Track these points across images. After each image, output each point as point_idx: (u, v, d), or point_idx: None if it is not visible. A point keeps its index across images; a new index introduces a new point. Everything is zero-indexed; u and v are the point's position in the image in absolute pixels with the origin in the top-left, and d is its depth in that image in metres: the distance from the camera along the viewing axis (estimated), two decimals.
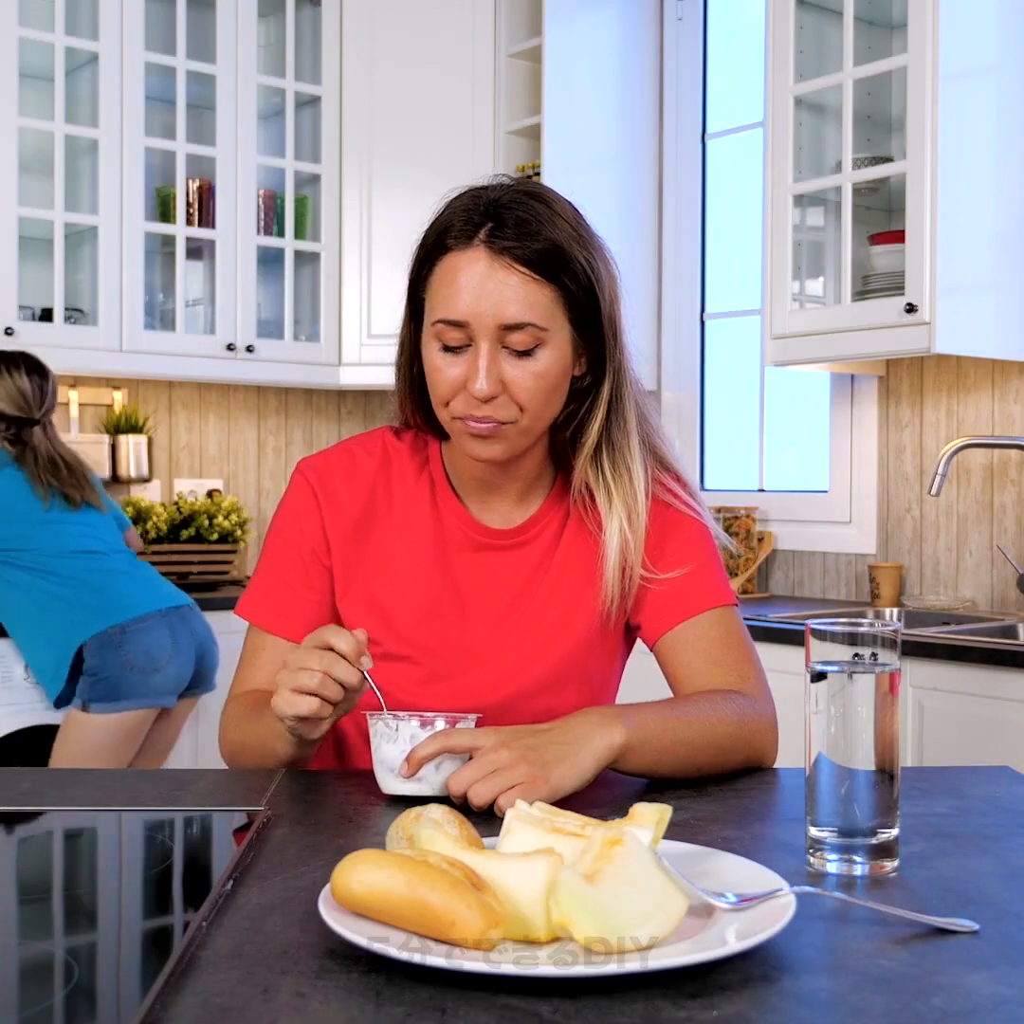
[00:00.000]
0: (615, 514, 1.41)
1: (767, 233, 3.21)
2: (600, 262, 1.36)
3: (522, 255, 1.30)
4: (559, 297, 1.32)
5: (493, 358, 1.31)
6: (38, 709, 3.14)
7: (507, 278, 1.29)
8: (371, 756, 1.25)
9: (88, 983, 0.81)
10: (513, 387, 1.32)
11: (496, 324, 1.29)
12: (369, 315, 3.95)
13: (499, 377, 1.31)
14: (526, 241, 1.30)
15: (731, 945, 0.79)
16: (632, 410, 1.42)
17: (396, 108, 3.91)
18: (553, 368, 1.33)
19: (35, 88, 3.53)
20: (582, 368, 1.40)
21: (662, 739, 1.27)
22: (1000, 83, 2.96)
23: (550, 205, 1.34)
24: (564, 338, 1.34)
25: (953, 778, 1.36)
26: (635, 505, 1.41)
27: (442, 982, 0.77)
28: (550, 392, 1.35)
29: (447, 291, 1.31)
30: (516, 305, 1.29)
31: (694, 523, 1.47)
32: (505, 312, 1.29)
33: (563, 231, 1.32)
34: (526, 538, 1.46)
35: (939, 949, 0.84)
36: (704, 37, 3.93)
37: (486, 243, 1.30)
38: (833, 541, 3.52)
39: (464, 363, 1.32)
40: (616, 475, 1.41)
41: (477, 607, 1.45)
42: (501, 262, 1.29)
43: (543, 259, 1.30)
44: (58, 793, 1.29)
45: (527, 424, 1.35)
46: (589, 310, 1.35)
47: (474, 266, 1.30)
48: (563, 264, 1.31)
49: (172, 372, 3.73)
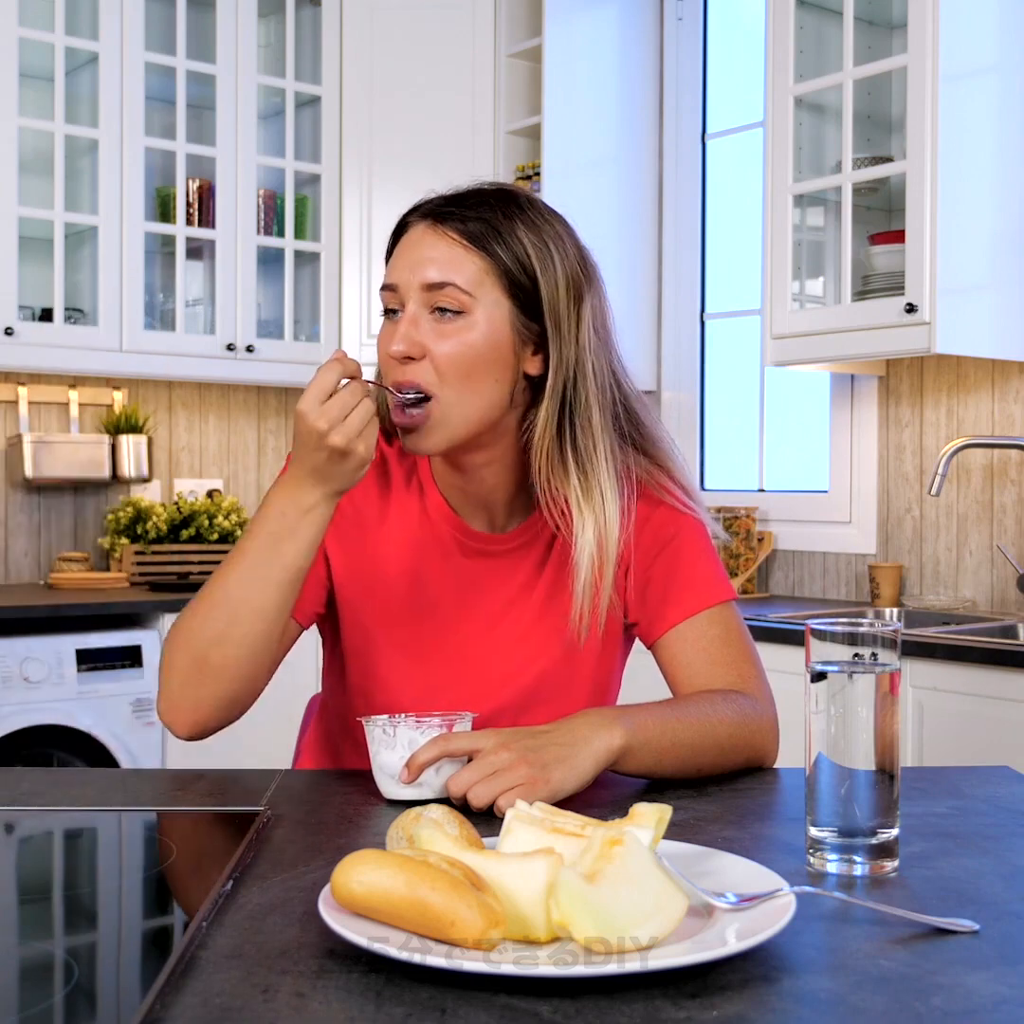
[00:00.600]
0: (587, 525, 1.35)
1: (767, 233, 3.21)
2: (559, 256, 1.35)
3: (456, 225, 1.33)
4: (490, 268, 1.33)
5: (413, 319, 1.32)
6: (38, 709, 3.14)
7: (436, 242, 1.33)
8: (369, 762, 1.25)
9: (88, 983, 0.81)
10: (434, 351, 1.31)
11: (419, 284, 1.32)
12: (369, 315, 3.95)
13: (417, 340, 1.32)
14: (465, 212, 1.34)
15: (731, 945, 0.79)
16: (597, 412, 1.36)
17: (396, 108, 3.91)
18: (478, 340, 1.32)
19: (35, 88, 3.53)
20: (537, 367, 1.36)
21: (662, 740, 1.27)
22: (1000, 83, 2.96)
23: (509, 193, 1.38)
24: (498, 315, 1.33)
25: (953, 778, 1.36)
26: (603, 513, 1.35)
27: (442, 982, 0.77)
28: (475, 366, 1.32)
29: (391, 261, 1.37)
30: (438, 266, 1.32)
31: (689, 520, 1.45)
32: (427, 272, 1.32)
33: (515, 216, 1.34)
34: (519, 544, 1.44)
35: (939, 949, 0.84)
36: (704, 37, 3.93)
37: (431, 214, 1.35)
38: (833, 541, 3.52)
39: (396, 329, 1.34)
40: (584, 483, 1.35)
41: (470, 613, 1.44)
42: (437, 231, 1.34)
43: (477, 229, 1.33)
44: (58, 793, 1.29)
45: (449, 399, 1.31)
46: (531, 294, 1.34)
47: (413, 235, 1.36)
48: (497, 236, 1.33)
49: (172, 372, 3.73)
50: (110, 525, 3.73)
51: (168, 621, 3.39)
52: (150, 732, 3.33)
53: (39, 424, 3.80)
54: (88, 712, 3.22)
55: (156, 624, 3.40)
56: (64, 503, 3.85)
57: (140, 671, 3.31)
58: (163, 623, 3.39)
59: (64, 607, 3.25)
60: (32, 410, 3.78)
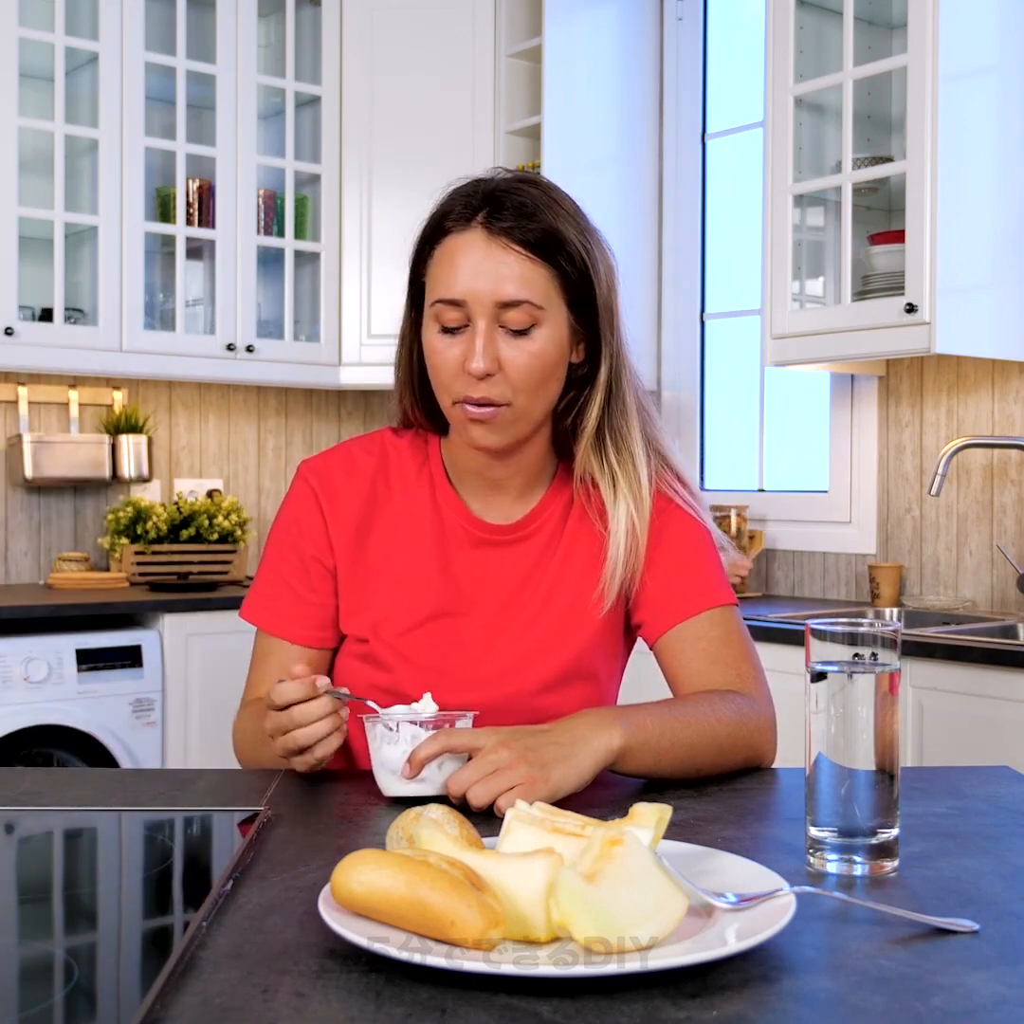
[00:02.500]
0: (621, 499, 1.41)
1: (767, 233, 3.21)
2: (596, 249, 1.38)
3: (519, 236, 1.32)
4: (555, 278, 1.34)
5: (490, 336, 1.32)
6: (38, 709, 3.14)
7: (504, 257, 1.32)
8: (370, 759, 1.25)
9: (88, 983, 0.81)
10: (509, 366, 1.33)
11: (493, 302, 1.31)
12: (369, 315, 3.95)
13: (495, 356, 1.32)
14: (523, 222, 1.32)
15: (731, 945, 0.79)
16: (632, 397, 1.43)
17: (396, 108, 3.91)
18: (549, 349, 1.34)
19: (35, 88, 3.53)
20: (580, 356, 1.41)
21: (661, 740, 1.27)
22: (1000, 83, 2.96)
23: (547, 191, 1.37)
24: (560, 320, 1.35)
25: (953, 778, 1.36)
26: (640, 490, 1.42)
27: (442, 982, 0.77)
28: (546, 374, 1.35)
29: (446, 272, 1.34)
30: (512, 283, 1.31)
31: (694, 521, 1.47)
32: (502, 290, 1.31)
33: (559, 215, 1.35)
34: (527, 533, 1.46)
35: (939, 949, 0.84)
36: (704, 37, 3.93)
37: (484, 224, 1.33)
38: (833, 541, 3.52)
39: (462, 343, 1.33)
40: (620, 460, 1.42)
41: (479, 603, 1.45)
42: (498, 242, 1.32)
43: (539, 240, 1.32)
44: (58, 793, 1.29)
45: (523, 406, 1.35)
46: (585, 294, 1.36)
47: (472, 247, 1.33)
48: (559, 246, 1.34)
49: (172, 372, 3.72)
50: (110, 525, 3.73)
51: (168, 621, 3.39)
52: (150, 732, 3.33)
53: (39, 424, 3.80)
54: (88, 712, 3.22)
55: (156, 624, 3.40)
56: (64, 503, 3.85)
57: (140, 671, 3.31)
58: (163, 623, 3.39)
59: (64, 607, 3.25)
60: (32, 410, 3.78)
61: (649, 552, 1.44)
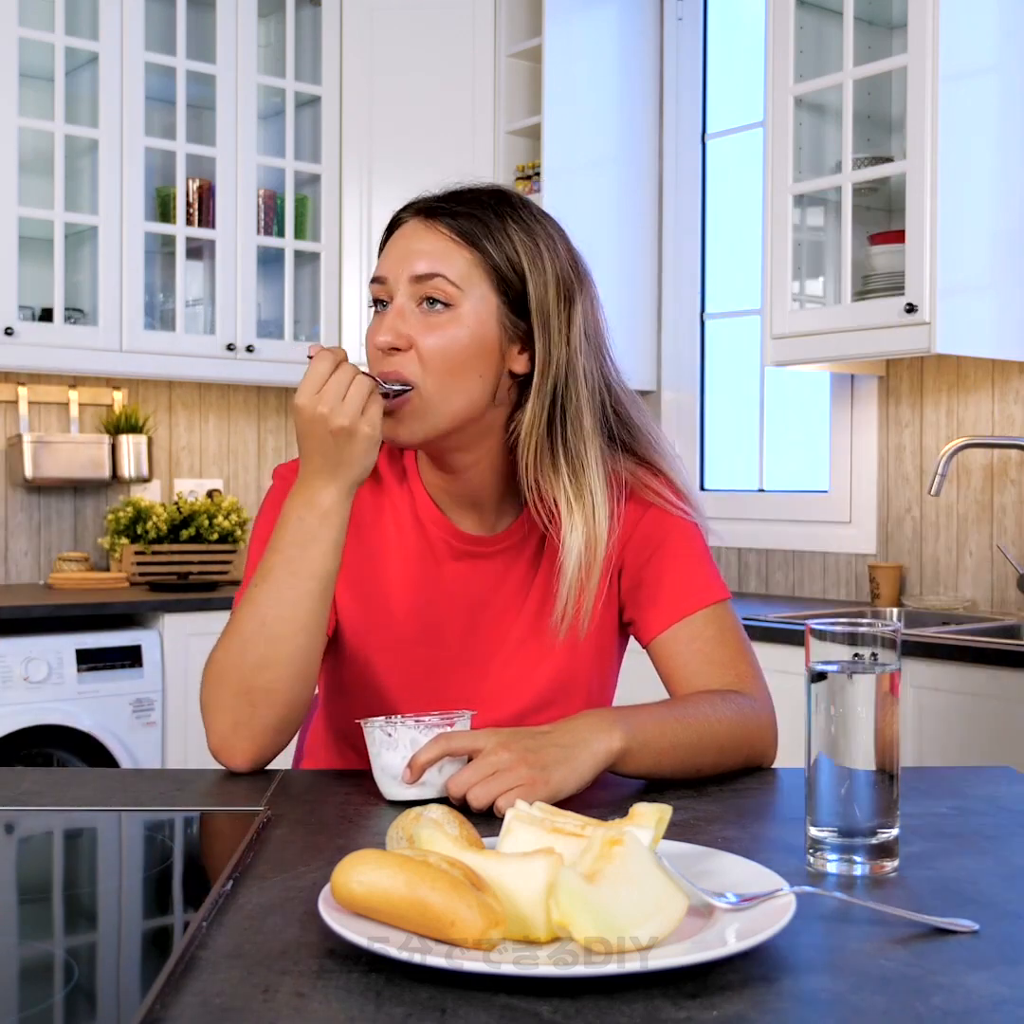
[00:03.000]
0: (576, 521, 1.34)
1: (767, 233, 3.21)
2: (548, 254, 1.35)
3: (446, 220, 1.34)
4: (479, 263, 1.33)
5: (400, 311, 1.33)
6: (38, 709, 3.14)
7: (427, 235, 1.34)
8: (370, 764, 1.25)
9: (88, 983, 0.81)
10: (419, 343, 1.32)
11: (407, 276, 1.33)
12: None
13: (405, 332, 1.32)
14: (455, 206, 1.35)
15: (731, 945, 0.79)
16: (588, 414, 1.36)
17: (396, 108, 3.91)
18: (464, 333, 1.32)
19: (35, 88, 3.53)
20: (523, 365, 1.36)
21: (661, 742, 1.27)
22: (1000, 83, 2.96)
23: (502, 193, 1.38)
24: (484, 310, 1.33)
25: (953, 778, 1.36)
26: (593, 512, 1.34)
27: (442, 982, 0.77)
28: (458, 358, 1.31)
29: (382, 255, 1.38)
30: (427, 257, 1.33)
31: (680, 521, 1.44)
32: (416, 263, 1.33)
33: (505, 213, 1.35)
34: (511, 543, 1.43)
35: (939, 949, 0.84)
36: (704, 37, 3.93)
37: (423, 210, 1.36)
38: (833, 541, 3.52)
39: (382, 321, 1.34)
40: (573, 481, 1.34)
41: (468, 616, 1.43)
42: (427, 224, 1.35)
43: (466, 223, 1.34)
44: (58, 793, 1.29)
45: (431, 391, 1.31)
46: (519, 292, 1.34)
47: (405, 230, 1.37)
48: (488, 233, 1.34)
49: (172, 372, 3.72)
50: (110, 525, 3.73)
51: (168, 621, 3.39)
52: (150, 732, 3.33)
53: (39, 424, 3.80)
54: (88, 712, 3.22)
55: (156, 624, 3.40)
56: (64, 503, 3.85)
57: (140, 671, 3.32)
58: (163, 623, 3.39)
59: (64, 607, 3.25)
60: (32, 410, 3.78)
61: (633, 555, 1.42)
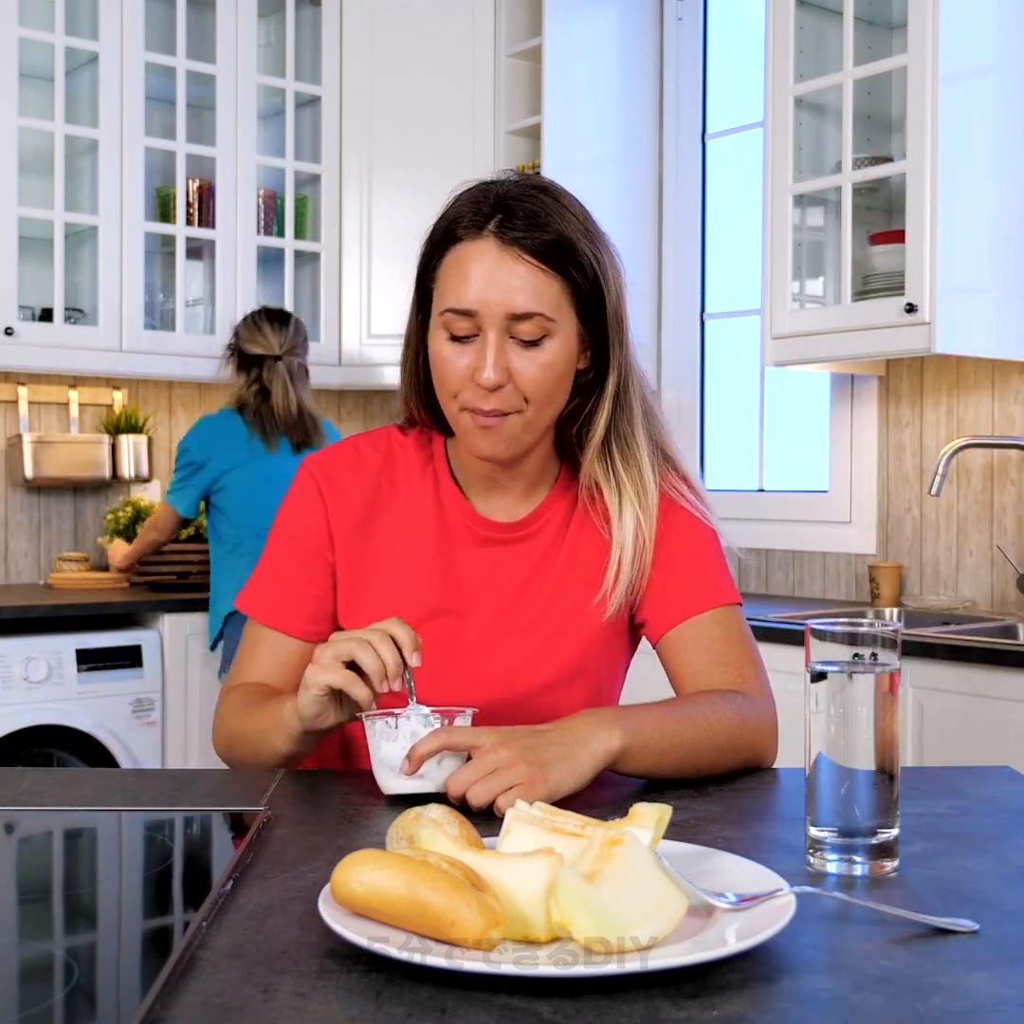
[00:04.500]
0: (627, 509, 1.41)
1: (767, 233, 3.21)
2: (606, 257, 1.38)
3: (531, 246, 1.31)
4: (566, 289, 1.33)
5: (500, 348, 1.31)
6: (38, 709, 3.14)
7: (516, 268, 1.30)
8: (369, 757, 1.25)
9: (88, 983, 0.81)
10: (519, 377, 1.32)
11: (504, 313, 1.30)
12: (369, 315, 3.95)
13: (506, 367, 1.32)
14: (535, 232, 1.31)
15: (731, 945, 0.79)
16: (638, 403, 1.43)
17: (396, 108, 3.91)
18: (559, 360, 1.34)
19: (35, 88, 3.53)
20: (586, 362, 1.40)
21: (661, 741, 1.27)
22: (1000, 83, 2.95)
23: (558, 199, 1.36)
24: (570, 330, 1.35)
25: (953, 778, 1.36)
26: (646, 499, 1.42)
27: (442, 982, 0.77)
28: (555, 384, 1.35)
29: (456, 281, 1.32)
30: (525, 295, 1.30)
31: (697, 521, 1.47)
32: (513, 302, 1.30)
33: (571, 224, 1.34)
34: (530, 531, 1.46)
35: (939, 949, 0.84)
36: (704, 37, 3.93)
37: (496, 234, 1.31)
38: (833, 541, 3.52)
39: (472, 353, 1.32)
40: (627, 469, 1.42)
41: (482, 602, 1.44)
42: (511, 252, 1.31)
43: (552, 251, 1.31)
44: (58, 793, 1.29)
45: (531, 416, 1.35)
46: (595, 304, 1.36)
47: (484, 256, 1.31)
48: (571, 257, 1.33)
49: (172, 372, 3.73)
50: (110, 525, 3.73)
51: (168, 621, 3.39)
52: (150, 732, 3.34)
53: (39, 424, 3.80)
54: (88, 712, 3.23)
55: (156, 624, 3.40)
56: (64, 503, 3.85)
57: (140, 671, 3.32)
58: (163, 623, 3.39)
59: (64, 607, 3.25)
60: (32, 410, 3.78)
61: (653, 553, 1.45)
